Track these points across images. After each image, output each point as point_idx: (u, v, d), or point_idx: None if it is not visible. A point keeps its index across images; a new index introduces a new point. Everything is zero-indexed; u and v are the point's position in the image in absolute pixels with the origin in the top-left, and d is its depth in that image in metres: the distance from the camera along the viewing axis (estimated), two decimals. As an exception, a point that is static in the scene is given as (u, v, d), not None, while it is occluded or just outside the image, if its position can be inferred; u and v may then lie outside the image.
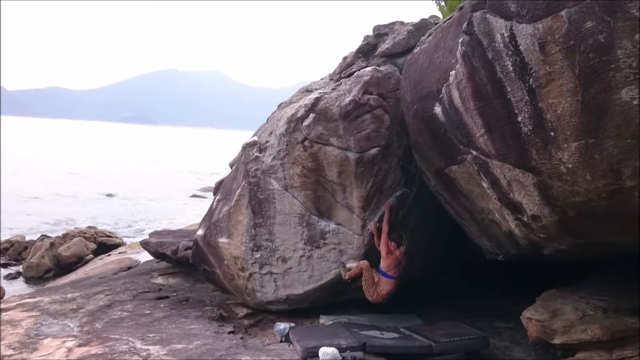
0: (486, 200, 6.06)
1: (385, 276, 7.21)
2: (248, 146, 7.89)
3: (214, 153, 79.41)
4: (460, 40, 5.16)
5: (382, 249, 7.21)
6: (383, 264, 7.21)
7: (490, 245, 7.05)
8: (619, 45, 3.88)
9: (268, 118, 8.72)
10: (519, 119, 4.78)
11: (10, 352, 6.49)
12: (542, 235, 5.53)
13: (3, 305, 8.68)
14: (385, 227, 7.31)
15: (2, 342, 6.75)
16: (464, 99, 5.32)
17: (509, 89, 4.75)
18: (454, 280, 9.32)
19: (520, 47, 4.48)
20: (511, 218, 5.74)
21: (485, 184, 5.79)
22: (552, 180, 4.80)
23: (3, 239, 20.32)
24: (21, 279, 16.19)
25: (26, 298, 9.15)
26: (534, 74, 4.46)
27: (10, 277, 16.11)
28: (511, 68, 4.64)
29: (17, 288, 14.62)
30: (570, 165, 4.54)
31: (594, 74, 4.05)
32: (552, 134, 4.55)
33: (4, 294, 12.57)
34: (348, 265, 7.56)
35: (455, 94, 5.43)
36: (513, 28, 4.51)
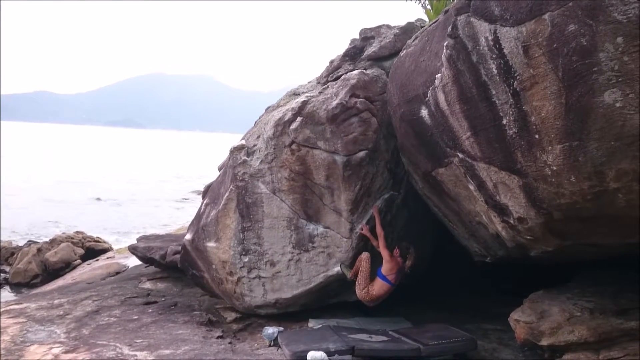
0: (473, 203, 6.08)
1: (382, 279, 7.17)
2: (236, 150, 7.87)
3: (203, 156, 79.16)
4: (445, 44, 5.18)
5: (384, 253, 7.17)
6: (385, 267, 7.15)
7: (478, 247, 7.08)
8: (602, 49, 3.91)
9: (256, 122, 8.70)
10: (504, 121, 4.80)
11: (-5, 359, 6.43)
12: (528, 237, 5.56)
13: (-11, 312, 8.59)
14: (380, 231, 7.30)
15: (-13, 350, 6.69)
16: (450, 102, 5.35)
17: (493, 92, 4.78)
18: (442, 282, 9.34)
19: (505, 50, 4.51)
20: (498, 220, 5.77)
21: (472, 187, 5.82)
22: (538, 182, 4.83)
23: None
24: (7, 285, 16.04)
25: (12, 304, 9.05)
26: (518, 77, 4.49)
27: (-4, 284, 15.97)
28: (496, 71, 4.67)
29: (3, 295, 14.49)
30: (555, 168, 4.56)
31: (577, 77, 4.08)
32: (536, 136, 4.58)
33: (-10, 301, 12.45)
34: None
35: (441, 97, 5.45)
36: (497, 31, 4.53)
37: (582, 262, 6.72)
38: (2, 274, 16.95)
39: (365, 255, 7.31)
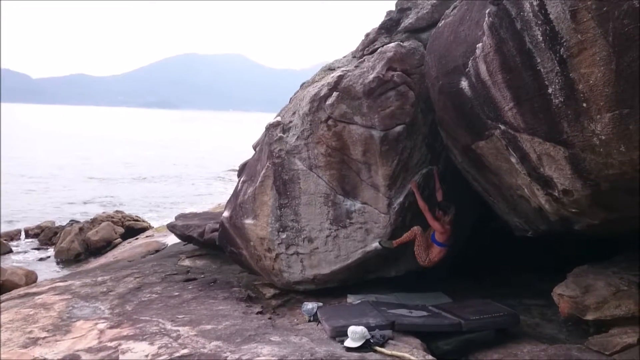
0: (515, 176, 5.94)
1: (438, 245, 7.31)
2: (272, 127, 7.84)
3: (238, 135, 79.76)
4: (487, 11, 5.02)
5: (435, 225, 7.26)
6: (439, 237, 7.29)
7: (520, 222, 6.94)
8: (656, 10, 3.72)
9: (291, 98, 8.65)
10: (550, 90, 4.64)
11: (44, 334, 6.60)
12: (573, 210, 5.42)
13: (35, 289, 8.85)
14: (423, 205, 7.26)
15: (36, 325, 6.88)
16: (492, 72, 5.19)
17: (538, 60, 4.61)
18: (482, 258, 9.22)
19: (550, 16, 4.33)
20: (541, 193, 5.62)
21: (514, 159, 5.67)
22: (585, 152, 4.68)
23: (33, 224, 20.82)
24: (52, 262, 16.67)
25: (57, 282, 9.30)
26: (565, 44, 4.32)
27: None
28: (541, 38, 4.50)
29: (51, 269, 15.09)
30: (603, 137, 4.41)
31: (629, 41, 3.90)
32: (584, 105, 4.41)
33: (36, 278, 12.85)
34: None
35: (483, 67, 5.30)
36: (543, -4, 4.36)
37: (629, 236, 6.53)
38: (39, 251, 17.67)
39: (418, 229, 7.33)
